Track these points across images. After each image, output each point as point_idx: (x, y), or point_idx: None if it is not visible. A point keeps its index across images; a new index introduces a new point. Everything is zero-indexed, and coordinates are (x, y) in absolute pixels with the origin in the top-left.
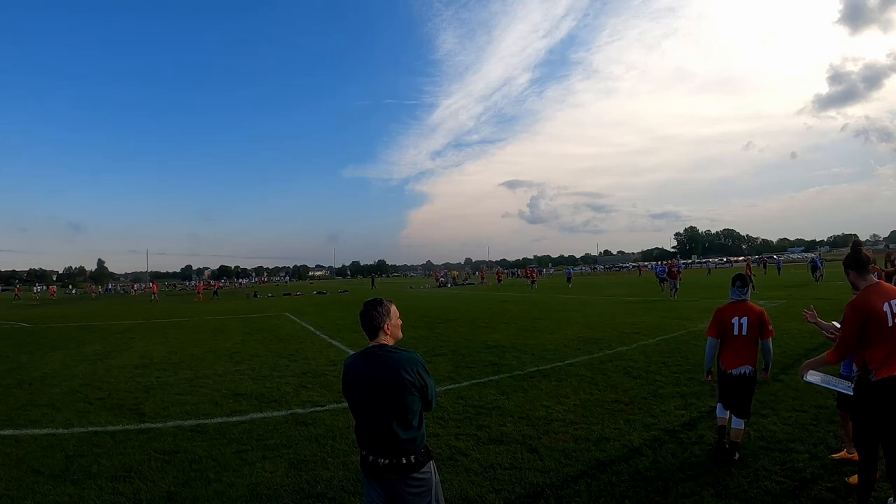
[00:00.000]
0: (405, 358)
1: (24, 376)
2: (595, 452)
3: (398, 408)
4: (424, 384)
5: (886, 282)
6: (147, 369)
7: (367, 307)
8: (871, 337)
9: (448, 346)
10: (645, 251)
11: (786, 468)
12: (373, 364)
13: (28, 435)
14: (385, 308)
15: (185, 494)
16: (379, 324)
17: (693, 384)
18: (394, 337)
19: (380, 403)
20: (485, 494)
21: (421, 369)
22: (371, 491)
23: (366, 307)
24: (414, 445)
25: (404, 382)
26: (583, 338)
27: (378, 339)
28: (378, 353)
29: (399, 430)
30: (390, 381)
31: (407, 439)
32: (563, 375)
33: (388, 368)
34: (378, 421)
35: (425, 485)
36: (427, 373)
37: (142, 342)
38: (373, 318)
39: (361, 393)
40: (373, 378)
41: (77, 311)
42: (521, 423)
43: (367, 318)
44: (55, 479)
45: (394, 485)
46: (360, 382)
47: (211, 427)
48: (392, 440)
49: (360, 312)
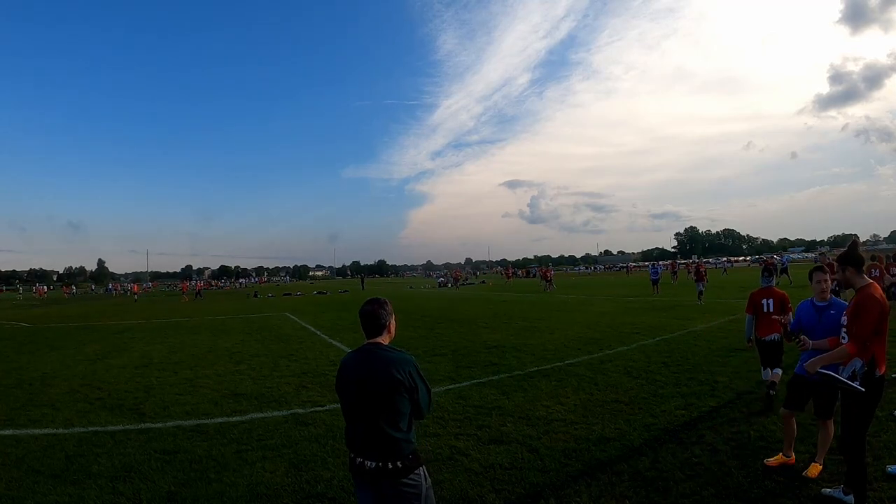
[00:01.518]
0: (398, 358)
1: (24, 376)
2: (595, 452)
3: (386, 408)
4: (415, 386)
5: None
6: (147, 369)
7: (373, 306)
8: (881, 331)
9: (448, 346)
10: (645, 251)
11: (786, 468)
12: (366, 362)
13: (28, 435)
14: (389, 307)
15: (185, 494)
16: (384, 322)
17: (693, 384)
18: (391, 337)
19: (368, 403)
20: (485, 494)
21: (413, 371)
22: (361, 495)
23: (371, 305)
24: (400, 449)
25: (394, 382)
26: (583, 338)
27: (376, 338)
28: (372, 352)
29: (387, 431)
30: (381, 380)
31: (394, 441)
32: (563, 375)
33: (379, 367)
34: (366, 421)
35: (413, 491)
36: (420, 376)
37: (142, 342)
38: (379, 317)
39: (352, 392)
40: (364, 376)
41: (77, 311)
42: (521, 423)
43: (373, 317)
44: (55, 479)
45: (382, 489)
46: (352, 381)
47: (211, 427)
48: (379, 442)
49: (362, 311)
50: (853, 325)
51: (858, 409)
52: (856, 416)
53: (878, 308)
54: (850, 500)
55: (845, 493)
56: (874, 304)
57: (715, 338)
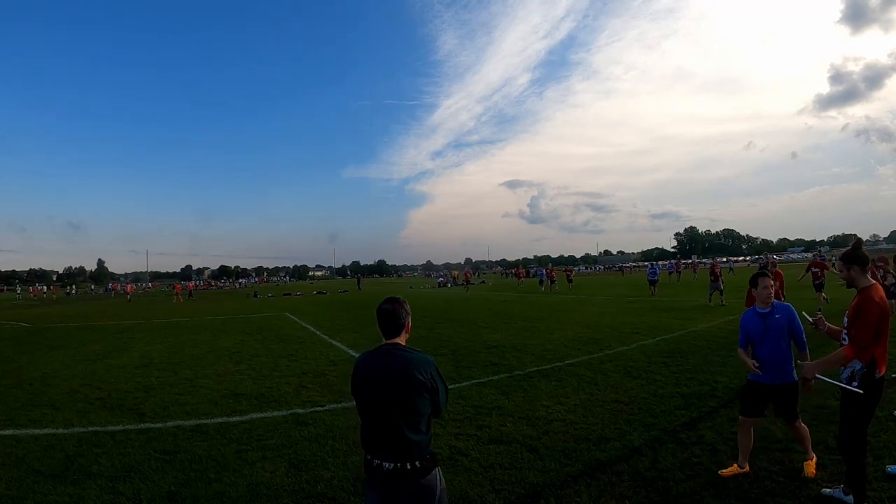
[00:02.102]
0: (419, 359)
1: (24, 376)
2: (595, 452)
3: (407, 409)
4: (436, 387)
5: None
6: (147, 369)
7: (392, 304)
8: (881, 333)
9: (448, 345)
10: (645, 251)
11: (786, 468)
12: (386, 362)
13: (28, 435)
14: (408, 306)
15: (185, 494)
16: (403, 322)
17: (693, 384)
18: (407, 337)
19: (388, 403)
20: (485, 494)
21: (434, 371)
22: (371, 494)
23: (390, 304)
24: (419, 450)
25: (416, 384)
26: (583, 338)
27: (395, 338)
28: (392, 352)
29: (406, 432)
30: (400, 382)
31: (413, 443)
32: (563, 375)
33: (400, 368)
34: (385, 421)
35: (429, 492)
36: (440, 376)
37: (142, 342)
38: (399, 316)
39: (368, 393)
40: (384, 377)
41: (77, 311)
42: (521, 423)
43: (392, 316)
44: (55, 479)
45: (398, 490)
46: (371, 381)
47: (211, 427)
48: (398, 443)
49: (381, 309)
50: (853, 327)
51: (857, 409)
52: (854, 416)
53: (878, 310)
54: (849, 500)
55: (845, 493)
56: (874, 306)
57: (715, 338)
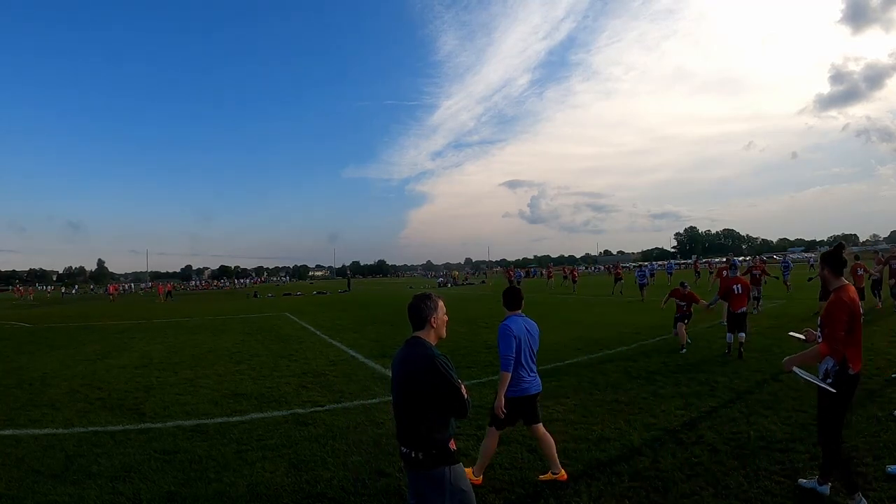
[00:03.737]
0: (432, 355)
1: (24, 376)
2: (595, 452)
3: (414, 400)
4: (443, 384)
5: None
6: (147, 369)
7: (417, 299)
8: (852, 331)
9: (448, 345)
10: (645, 251)
11: (786, 468)
12: (406, 357)
13: (28, 435)
14: (433, 302)
15: (185, 494)
16: (426, 316)
17: (693, 384)
18: (437, 333)
19: (402, 393)
20: (485, 494)
21: (443, 369)
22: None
23: (416, 299)
24: (424, 442)
25: (423, 377)
26: (583, 338)
27: (419, 332)
28: (412, 345)
29: (412, 422)
30: (413, 373)
31: (418, 433)
32: (563, 375)
33: (414, 361)
34: (399, 411)
35: (436, 487)
36: (448, 374)
37: (142, 342)
38: (421, 310)
39: (394, 384)
40: (402, 368)
41: (77, 311)
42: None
43: (416, 310)
44: (55, 479)
45: (414, 477)
46: (394, 373)
47: (211, 427)
48: (407, 431)
49: (408, 304)
50: (826, 326)
51: (830, 403)
52: (827, 410)
53: (847, 310)
54: (824, 490)
55: (820, 483)
56: (843, 306)
57: (715, 338)
